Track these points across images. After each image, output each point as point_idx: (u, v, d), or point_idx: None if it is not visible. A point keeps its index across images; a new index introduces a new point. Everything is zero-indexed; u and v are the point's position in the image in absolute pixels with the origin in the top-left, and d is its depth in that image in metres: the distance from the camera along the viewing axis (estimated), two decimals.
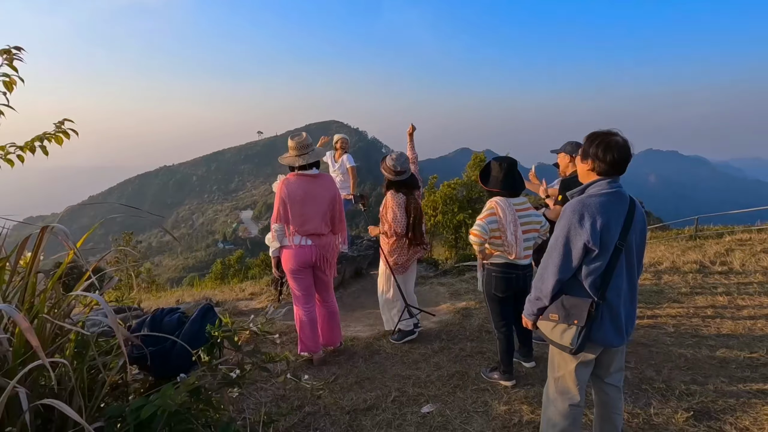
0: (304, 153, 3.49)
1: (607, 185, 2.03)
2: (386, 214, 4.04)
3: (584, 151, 2.08)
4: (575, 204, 2.00)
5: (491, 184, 3.21)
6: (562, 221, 2.02)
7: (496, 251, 3.18)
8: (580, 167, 2.12)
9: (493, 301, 3.28)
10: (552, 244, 2.05)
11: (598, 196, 2.01)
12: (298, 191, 3.43)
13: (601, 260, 1.99)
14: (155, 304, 6.98)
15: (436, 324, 4.75)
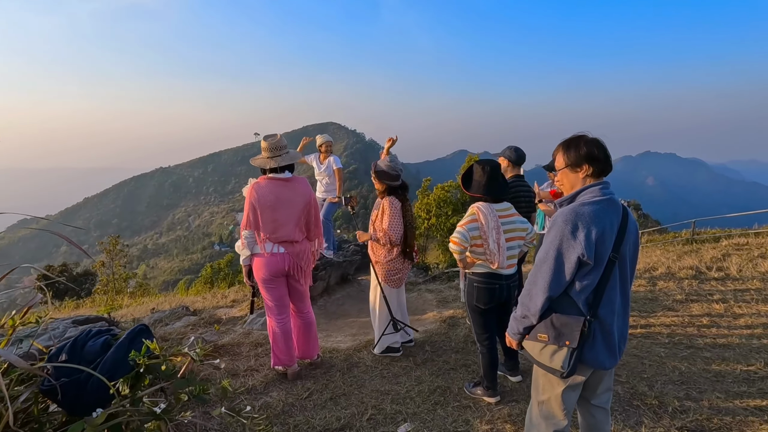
0: (277, 155, 3.29)
1: (600, 192, 1.85)
2: (381, 220, 3.77)
3: (574, 159, 1.89)
4: (567, 213, 1.81)
5: (473, 188, 3.02)
6: (552, 232, 1.83)
7: (478, 260, 2.99)
8: (571, 177, 1.92)
9: (476, 312, 3.09)
10: (541, 257, 1.85)
11: (591, 204, 1.82)
12: (269, 196, 3.23)
13: (594, 274, 1.80)
14: (134, 311, 6.76)
15: (421, 334, 4.55)
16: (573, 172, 1.90)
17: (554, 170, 2.03)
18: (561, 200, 1.95)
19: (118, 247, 17.91)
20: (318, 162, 6.32)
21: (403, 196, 3.83)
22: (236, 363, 3.78)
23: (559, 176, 1.97)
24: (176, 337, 4.24)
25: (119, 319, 5.62)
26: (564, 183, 1.96)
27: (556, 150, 1.97)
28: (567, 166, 1.91)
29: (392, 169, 3.72)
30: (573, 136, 1.92)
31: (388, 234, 3.67)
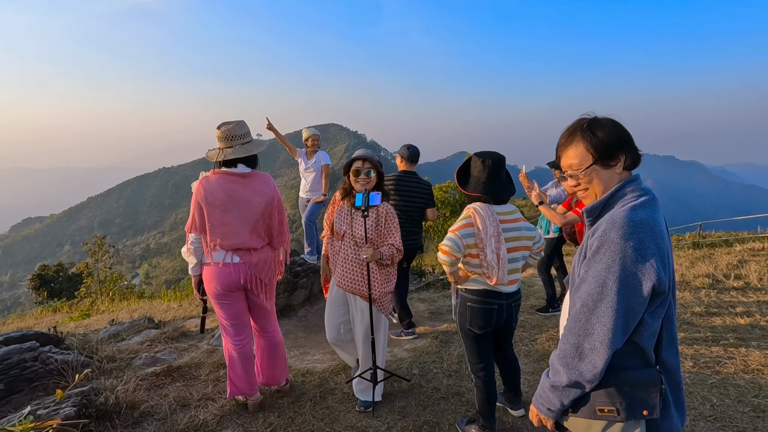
0: (229, 145, 2.74)
1: (643, 189, 1.34)
2: (384, 230, 2.99)
3: (606, 148, 1.34)
4: (623, 225, 1.24)
5: (471, 186, 2.48)
6: (605, 255, 1.24)
7: (473, 273, 2.45)
8: (604, 176, 1.37)
9: (469, 338, 2.54)
10: (593, 294, 1.24)
11: (644, 208, 1.28)
12: (219, 193, 2.69)
13: (663, 306, 1.28)
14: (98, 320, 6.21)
15: (409, 353, 4.00)
16: (606, 167, 1.35)
17: (561, 169, 1.45)
18: (592, 207, 1.37)
19: (104, 248, 17.32)
20: (305, 158, 5.79)
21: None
22: (190, 389, 3.22)
23: (581, 177, 1.37)
24: (126, 356, 3.69)
25: (72, 332, 5.08)
26: (591, 185, 1.38)
27: (567, 141, 1.39)
28: (597, 160, 1.34)
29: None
30: (588, 119, 1.38)
31: (400, 249, 2.97)
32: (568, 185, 1.41)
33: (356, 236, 2.93)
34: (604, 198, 1.35)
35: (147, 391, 3.13)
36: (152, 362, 3.59)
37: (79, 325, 6.22)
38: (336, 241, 3.07)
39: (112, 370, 3.43)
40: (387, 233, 2.96)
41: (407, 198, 4.01)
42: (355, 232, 2.94)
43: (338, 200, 3.10)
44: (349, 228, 2.97)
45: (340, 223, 3.03)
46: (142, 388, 3.16)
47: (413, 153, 4.00)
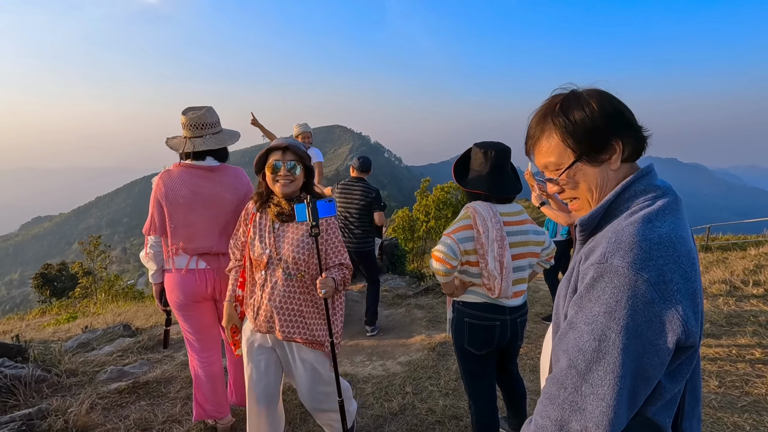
0: (198, 135, 2.40)
1: (656, 184, 0.95)
2: (339, 245, 2.14)
3: (590, 135, 0.94)
4: (635, 247, 0.84)
5: (470, 182, 2.13)
6: (606, 292, 0.83)
7: (471, 284, 2.10)
8: (591, 175, 0.98)
9: (467, 359, 2.18)
10: (587, 350, 0.83)
11: (666, 219, 0.88)
12: (182, 190, 2.34)
13: (690, 364, 0.88)
14: (77, 325, 5.87)
15: (402, 366, 3.65)
16: (594, 163, 0.96)
17: (540, 174, 1.07)
18: (587, 219, 0.97)
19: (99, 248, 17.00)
20: None
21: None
22: (156, 409, 2.88)
23: (563, 181, 1.00)
24: (91, 369, 3.35)
25: (47, 339, 4.74)
26: (578, 191, 1.00)
27: (537, 131, 1.01)
28: (580, 155, 0.96)
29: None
30: (561, 97, 0.99)
31: (350, 266, 2.17)
32: (551, 190, 1.04)
33: (290, 262, 1.99)
34: (602, 206, 0.95)
35: (105, 412, 2.79)
36: (118, 376, 3.25)
37: (58, 330, 5.89)
38: (257, 272, 2.08)
39: (71, 386, 3.09)
40: (333, 251, 2.08)
41: (353, 200, 4.29)
42: (285, 255, 2.00)
43: (252, 212, 2.14)
44: (273, 250, 2.02)
45: (261, 246, 2.04)
46: (100, 408, 2.82)
47: (363, 163, 4.38)
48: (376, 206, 4.27)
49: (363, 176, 4.39)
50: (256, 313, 2.05)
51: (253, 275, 2.11)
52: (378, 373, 3.54)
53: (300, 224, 2.03)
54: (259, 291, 2.05)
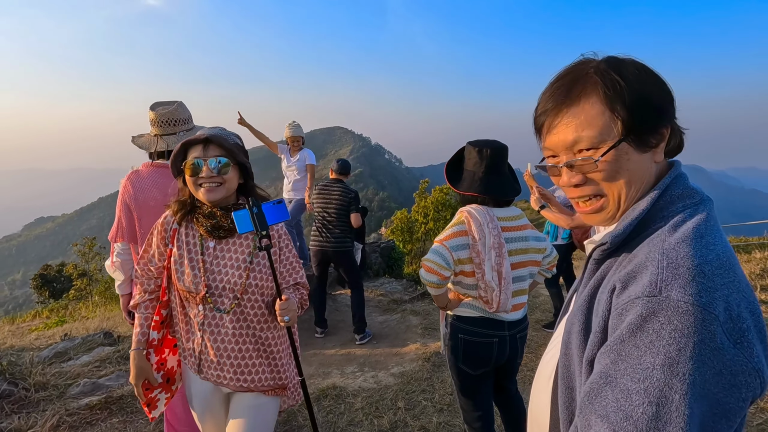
0: (171, 132, 2.21)
1: (693, 188, 0.76)
2: (293, 259, 1.76)
3: (647, 110, 0.72)
4: (694, 272, 0.62)
5: (464, 184, 1.93)
6: (663, 337, 0.59)
7: (466, 297, 1.90)
8: (638, 165, 0.75)
9: (462, 379, 1.98)
10: (640, 418, 0.58)
11: (712, 230, 0.69)
12: (153, 191, 2.15)
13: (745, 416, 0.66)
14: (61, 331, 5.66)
15: (395, 378, 3.45)
16: (641, 149, 0.74)
17: (543, 169, 0.84)
18: (621, 233, 0.75)
19: (94, 249, 16.79)
20: (288, 154, 5.28)
21: None
22: (127, 427, 2.68)
23: (600, 166, 0.74)
24: (63, 382, 3.14)
25: (28, 346, 4.54)
26: (611, 183, 0.76)
27: (566, 97, 0.75)
28: (629, 134, 0.72)
29: None
30: (603, 59, 0.76)
31: (307, 285, 1.78)
32: (564, 181, 0.79)
33: (237, 291, 1.53)
34: (642, 213, 0.73)
35: (71, 431, 2.59)
36: (91, 390, 3.05)
37: (42, 336, 5.68)
38: (191, 308, 1.57)
39: (39, 401, 2.89)
40: (288, 268, 1.67)
41: (332, 201, 4.25)
42: (228, 283, 1.53)
43: (173, 227, 1.59)
44: (210, 277, 1.52)
45: (193, 274, 1.53)
46: (67, 426, 2.62)
47: (342, 166, 4.43)
48: (353, 208, 4.24)
49: (342, 178, 4.40)
50: (198, 360, 1.57)
51: (186, 312, 1.59)
52: (369, 385, 3.34)
53: (242, 238, 1.57)
54: (199, 332, 1.55)
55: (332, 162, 4.51)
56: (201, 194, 1.50)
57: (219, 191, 1.50)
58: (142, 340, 1.63)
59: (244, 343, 1.58)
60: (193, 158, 1.48)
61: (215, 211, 1.53)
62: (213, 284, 1.54)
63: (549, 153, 0.81)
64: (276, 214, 1.50)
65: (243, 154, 1.56)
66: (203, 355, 1.57)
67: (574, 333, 0.77)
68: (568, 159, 0.76)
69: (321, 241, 4.25)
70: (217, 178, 1.48)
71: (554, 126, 0.77)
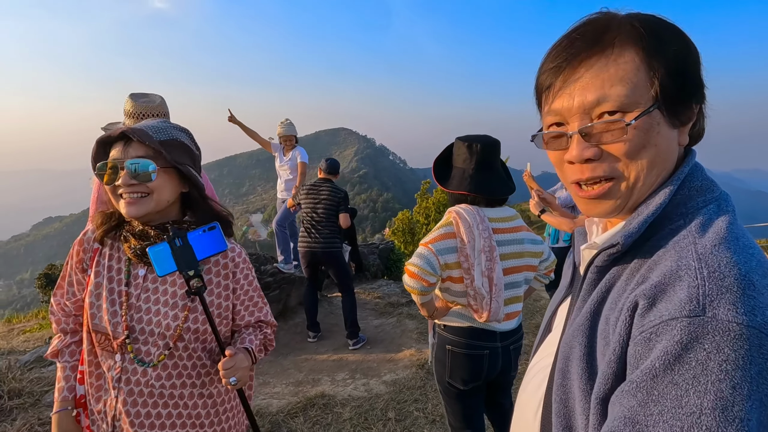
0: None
1: (712, 182, 0.62)
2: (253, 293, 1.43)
3: (686, 79, 0.58)
4: (742, 285, 0.48)
5: (453, 182, 1.78)
6: (708, 369, 0.45)
7: (455, 305, 1.75)
8: (666, 142, 0.59)
9: (451, 395, 1.83)
10: None
11: (743, 232, 0.56)
12: None
13: None
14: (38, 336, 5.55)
15: (387, 386, 3.30)
16: (671, 121, 0.59)
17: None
18: (635, 231, 0.59)
19: None
20: (281, 153, 5.15)
21: None
22: None
23: (633, 130, 0.56)
24: (40, 388, 3.01)
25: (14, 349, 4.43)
26: (633, 160, 0.59)
27: (591, 46, 0.58)
28: (665, 100, 0.57)
29: None
30: (637, 14, 0.60)
31: (273, 323, 1.43)
32: (573, 155, 0.61)
33: (169, 338, 1.14)
34: (660, 205, 0.59)
35: None
36: None
37: (31, 338, 5.57)
38: (106, 358, 1.16)
39: (12, 409, 2.76)
40: (246, 305, 1.28)
41: (321, 200, 4.14)
42: (157, 326, 1.14)
43: (93, 247, 1.21)
44: (122, 314, 1.14)
45: (111, 312, 1.15)
46: None
47: (330, 165, 4.31)
48: (342, 207, 4.14)
49: (330, 178, 4.29)
50: (111, 429, 1.14)
51: (99, 362, 1.17)
52: (359, 394, 3.19)
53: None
54: (114, 391, 1.13)
55: (320, 162, 4.41)
56: (122, 207, 1.12)
57: (144, 204, 1.10)
58: (69, 398, 1.22)
59: (175, 407, 1.16)
60: (113, 158, 1.10)
61: (148, 230, 1.14)
62: (137, 326, 1.12)
63: (554, 119, 0.63)
64: (209, 245, 1.14)
65: (184, 155, 1.16)
66: (117, 422, 1.14)
67: (575, 360, 0.62)
68: (583, 125, 0.59)
69: (309, 242, 4.12)
70: (140, 187, 1.09)
71: (570, 82, 0.60)
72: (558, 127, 0.64)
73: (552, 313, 0.86)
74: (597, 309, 0.62)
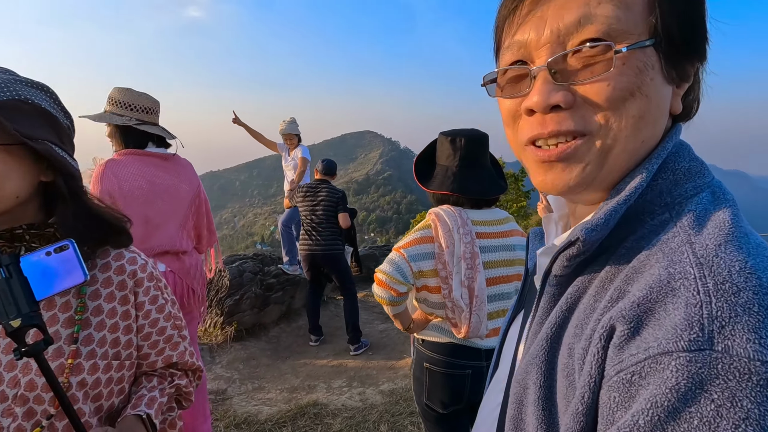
0: (153, 121, 2.07)
1: (701, 163, 0.46)
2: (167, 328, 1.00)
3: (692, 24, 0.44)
4: (758, 296, 0.32)
5: (435, 181, 1.60)
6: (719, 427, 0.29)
7: (433, 317, 1.57)
8: (658, 101, 0.43)
9: (429, 419, 1.65)
10: None
11: (744, 222, 0.39)
12: (138, 180, 1.98)
13: None
14: None
15: (383, 396, 3.13)
16: (667, 74, 0.43)
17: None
18: (603, 223, 0.43)
19: None
20: (286, 152, 5.08)
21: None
22: None
23: (619, 63, 0.41)
24: None
25: None
26: (616, 109, 0.42)
27: None
28: (665, 39, 0.42)
29: None
30: None
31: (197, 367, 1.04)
32: (534, 101, 0.44)
33: (32, 400, 0.73)
34: (636, 188, 0.43)
35: None
36: None
37: None
38: None
39: None
40: (156, 339, 0.89)
41: (319, 201, 4.04)
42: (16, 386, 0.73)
43: None
44: None
45: None
46: None
47: (327, 166, 4.20)
48: (341, 208, 4.03)
49: (328, 179, 4.19)
50: None
51: None
52: (353, 404, 3.04)
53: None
54: None
55: (317, 163, 4.32)
56: None
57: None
58: None
59: None
60: None
61: None
62: None
63: (514, 56, 0.47)
64: (56, 275, 0.73)
65: (42, 126, 0.76)
66: None
67: (529, 406, 0.45)
68: (553, 56, 0.43)
69: (310, 245, 4.01)
70: None
71: (543, 2, 0.44)
72: (520, 66, 0.47)
73: (501, 340, 0.69)
74: (557, 335, 0.45)
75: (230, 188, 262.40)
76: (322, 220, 4.00)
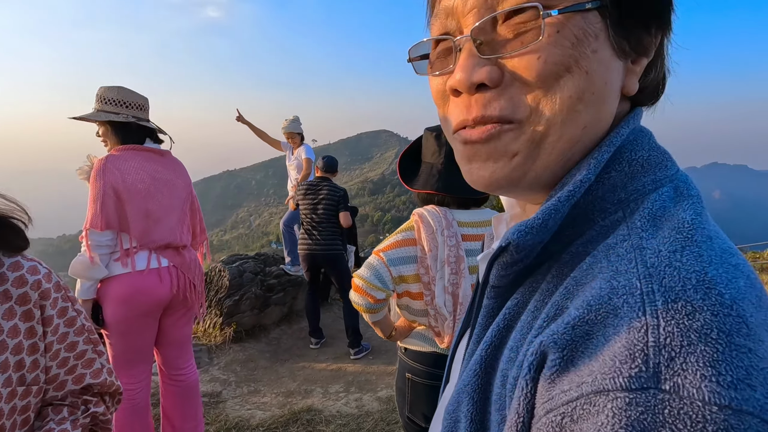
0: (147, 118, 2.09)
1: (661, 151, 0.38)
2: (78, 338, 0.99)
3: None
4: (726, 322, 0.25)
5: (420, 180, 1.50)
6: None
7: (416, 325, 1.47)
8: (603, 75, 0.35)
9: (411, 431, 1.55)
10: None
11: (712, 224, 0.32)
12: (140, 174, 1.97)
13: None
14: None
15: (380, 403, 3.04)
16: (616, 46, 0.35)
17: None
18: (539, 226, 0.34)
19: None
20: (290, 150, 5.03)
21: None
22: None
23: (547, 39, 0.33)
24: None
25: None
26: (547, 86, 0.34)
27: None
28: (612, 3, 0.34)
29: None
30: None
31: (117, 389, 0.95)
32: (458, 80, 0.35)
33: None
34: (581, 182, 0.34)
35: None
36: None
37: None
38: None
39: None
40: (65, 357, 0.78)
41: (320, 200, 3.96)
42: None
43: None
44: None
45: None
46: None
47: (328, 163, 4.11)
48: (342, 206, 3.95)
49: (329, 176, 4.11)
50: None
51: None
52: (348, 410, 2.95)
53: None
54: None
55: (317, 160, 4.25)
56: None
57: None
58: None
59: None
60: None
61: None
62: None
63: (443, 26, 0.39)
64: None
65: None
66: None
67: (462, 426, 0.37)
68: (480, 21, 0.35)
69: (310, 245, 3.93)
70: None
71: None
72: (444, 42, 0.40)
73: (450, 357, 0.61)
74: (492, 358, 0.37)
75: (246, 187, 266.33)
76: (323, 219, 3.94)
